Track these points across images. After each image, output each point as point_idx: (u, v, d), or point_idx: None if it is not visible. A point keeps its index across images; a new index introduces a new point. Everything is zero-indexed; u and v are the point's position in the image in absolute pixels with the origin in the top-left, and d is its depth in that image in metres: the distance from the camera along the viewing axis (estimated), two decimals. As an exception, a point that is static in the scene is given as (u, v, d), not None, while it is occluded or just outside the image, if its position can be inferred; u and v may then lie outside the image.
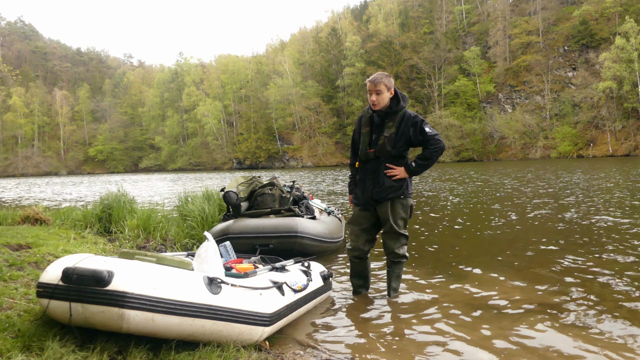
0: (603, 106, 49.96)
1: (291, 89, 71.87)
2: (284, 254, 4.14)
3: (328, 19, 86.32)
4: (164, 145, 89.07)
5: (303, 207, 5.61)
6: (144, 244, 5.25)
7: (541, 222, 7.18)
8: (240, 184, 5.62)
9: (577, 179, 16.16)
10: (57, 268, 2.29)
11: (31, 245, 4.00)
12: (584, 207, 8.59)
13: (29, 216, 5.61)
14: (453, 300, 3.50)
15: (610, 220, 7.00)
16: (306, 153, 70.41)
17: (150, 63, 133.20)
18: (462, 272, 4.35)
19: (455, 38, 69.10)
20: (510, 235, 6.25)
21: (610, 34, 53.22)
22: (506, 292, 3.67)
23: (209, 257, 2.61)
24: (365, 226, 3.59)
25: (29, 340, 2.17)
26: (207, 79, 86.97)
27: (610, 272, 4.09)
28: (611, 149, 47.92)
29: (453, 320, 3.09)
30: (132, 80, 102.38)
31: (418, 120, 3.41)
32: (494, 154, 56.37)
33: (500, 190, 13.29)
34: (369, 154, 3.50)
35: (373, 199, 3.48)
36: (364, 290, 3.76)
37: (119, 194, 6.27)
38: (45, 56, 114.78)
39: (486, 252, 5.29)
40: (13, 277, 3.05)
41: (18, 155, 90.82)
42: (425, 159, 3.44)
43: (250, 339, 2.48)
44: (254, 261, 3.46)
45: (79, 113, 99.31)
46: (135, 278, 2.15)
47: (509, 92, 60.72)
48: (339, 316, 3.29)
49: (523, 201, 10.19)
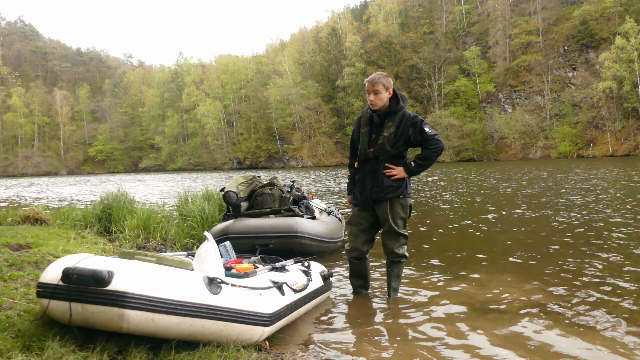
0: (603, 106, 49.97)
1: (291, 89, 71.88)
2: (284, 254, 4.14)
3: (328, 19, 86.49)
4: (164, 145, 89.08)
5: (303, 207, 5.61)
6: (144, 244, 5.25)
7: (541, 222, 7.18)
8: (240, 184, 5.62)
9: (577, 179, 16.16)
10: (57, 268, 2.29)
11: (31, 245, 4.00)
12: (585, 207, 8.59)
13: (29, 216, 5.61)
14: (453, 300, 3.50)
15: (611, 220, 7.00)
16: (306, 153, 70.42)
17: (150, 63, 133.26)
18: (462, 272, 4.35)
19: (455, 38, 69.11)
20: (511, 235, 6.25)
21: (610, 34, 53.24)
22: (506, 292, 3.67)
23: (209, 257, 2.61)
24: (364, 226, 3.59)
25: (29, 340, 2.17)
26: (207, 79, 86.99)
27: (611, 272, 4.09)
28: (611, 149, 47.92)
29: (453, 320, 3.09)
30: (132, 80, 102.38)
31: (417, 120, 3.42)
32: (494, 154, 56.38)
33: (501, 190, 13.29)
34: (368, 154, 3.50)
35: (372, 198, 3.48)
36: (364, 290, 3.76)
37: (119, 194, 6.26)
38: (45, 56, 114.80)
39: (486, 252, 5.29)
40: (13, 277, 3.05)
41: (18, 155, 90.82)
42: (424, 159, 3.44)
43: (250, 339, 2.48)
44: (254, 261, 3.46)
45: (79, 113, 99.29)
46: (135, 278, 2.15)
47: (509, 92, 60.74)
48: (339, 316, 3.29)
49: (523, 201, 10.19)
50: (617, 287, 3.67)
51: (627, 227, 6.28)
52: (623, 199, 9.62)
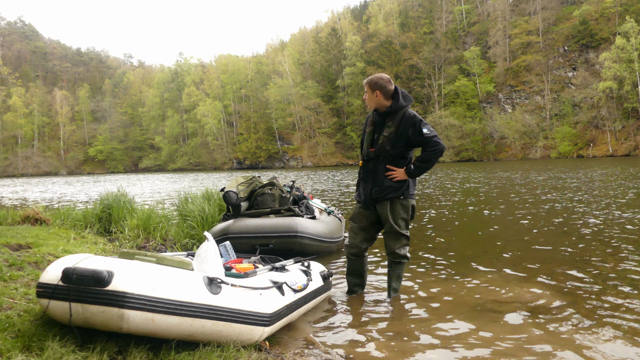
0: (603, 106, 49.97)
1: (291, 89, 71.88)
2: (284, 254, 4.14)
3: (328, 19, 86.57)
4: (164, 145, 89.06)
5: (303, 207, 5.61)
6: (144, 244, 5.25)
7: (542, 222, 7.17)
8: (240, 184, 5.62)
9: (578, 179, 16.16)
10: (57, 268, 2.28)
11: (31, 245, 3.99)
12: (587, 207, 8.59)
13: (29, 216, 5.61)
14: (454, 300, 3.50)
15: (611, 219, 6.99)
16: (306, 153, 70.42)
17: (150, 63, 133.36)
18: (462, 272, 4.35)
19: (455, 38, 69.10)
20: (512, 235, 6.25)
21: (610, 34, 53.26)
22: (507, 292, 3.67)
23: (209, 257, 2.61)
24: (364, 224, 3.60)
25: (29, 340, 2.17)
26: (207, 79, 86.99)
27: (612, 272, 4.09)
28: (611, 149, 47.93)
29: (454, 320, 3.09)
30: (132, 80, 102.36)
31: (417, 120, 3.40)
32: (494, 154, 56.39)
33: (501, 190, 13.29)
34: (370, 153, 3.51)
35: (372, 198, 3.49)
36: (359, 289, 3.75)
37: (119, 194, 6.27)
38: (45, 56, 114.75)
39: (487, 252, 5.29)
40: (13, 277, 3.05)
41: (18, 155, 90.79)
42: (423, 161, 3.43)
43: (250, 339, 2.47)
44: (254, 261, 3.46)
45: (79, 113, 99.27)
46: (135, 278, 2.15)
47: (509, 92, 60.73)
48: (339, 316, 3.29)
49: (524, 201, 10.19)
50: (618, 287, 3.66)
51: (629, 227, 6.28)
52: (624, 199, 9.61)
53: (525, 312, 3.17)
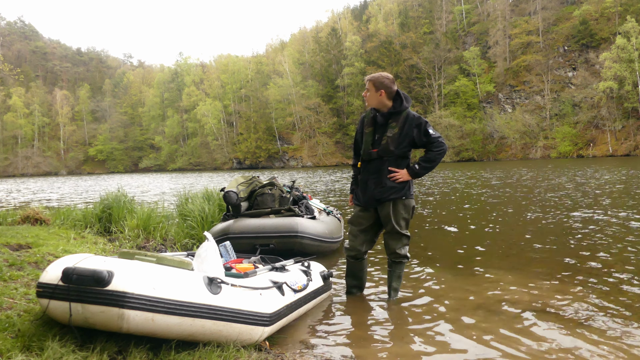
0: (603, 106, 49.95)
1: (291, 89, 71.86)
2: (284, 254, 4.14)
3: (328, 19, 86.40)
4: (164, 145, 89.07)
5: (303, 207, 5.62)
6: (144, 244, 5.25)
7: (543, 222, 7.17)
8: (240, 184, 5.62)
9: (577, 179, 16.16)
10: (57, 268, 2.28)
11: (31, 245, 3.99)
12: (588, 207, 8.59)
13: (29, 216, 5.60)
14: (454, 301, 3.50)
15: (612, 220, 6.99)
16: (306, 153, 70.39)
17: (150, 63, 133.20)
18: (463, 272, 4.35)
19: (455, 38, 69.09)
20: (512, 235, 6.25)
21: (610, 34, 53.24)
22: (508, 292, 3.67)
23: (209, 257, 2.61)
24: (364, 227, 3.60)
25: (29, 340, 2.17)
26: (207, 79, 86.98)
27: (613, 272, 4.09)
28: (611, 148, 47.92)
29: (454, 320, 3.09)
30: (132, 80, 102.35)
31: (422, 122, 3.43)
32: (494, 154, 56.38)
33: (502, 190, 13.29)
34: (371, 154, 3.50)
35: (375, 199, 3.49)
36: (357, 291, 3.75)
37: (119, 194, 6.26)
38: (45, 56, 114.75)
39: (487, 252, 5.29)
40: (13, 277, 3.04)
41: (18, 155, 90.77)
42: (428, 161, 3.45)
43: (250, 339, 2.47)
44: (254, 261, 3.46)
45: (79, 113, 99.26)
46: (135, 278, 2.15)
47: (509, 92, 60.72)
48: (339, 316, 3.29)
49: (524, 201, 10.19)
50: (619, 287, 3.66)
51: (630, 226, 6.27)
52: (625, 199, 9.61)
53: (528, 312, 3.17)
